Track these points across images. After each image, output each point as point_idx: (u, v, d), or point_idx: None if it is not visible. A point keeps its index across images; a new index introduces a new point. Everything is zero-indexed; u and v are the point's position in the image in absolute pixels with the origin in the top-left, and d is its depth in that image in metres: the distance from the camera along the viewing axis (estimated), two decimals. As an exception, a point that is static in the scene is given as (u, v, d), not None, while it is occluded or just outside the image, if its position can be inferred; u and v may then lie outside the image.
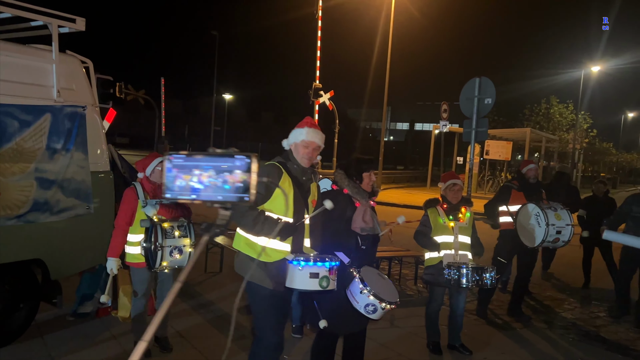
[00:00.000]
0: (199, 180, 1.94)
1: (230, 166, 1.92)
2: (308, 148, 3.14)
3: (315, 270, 2.89)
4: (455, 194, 4.66)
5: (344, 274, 3.32)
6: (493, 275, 4.36)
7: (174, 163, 1.97)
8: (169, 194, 1.99)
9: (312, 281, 2.89)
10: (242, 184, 1.91)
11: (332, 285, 2.95)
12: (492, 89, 7.42)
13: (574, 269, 8.18)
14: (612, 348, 5.21)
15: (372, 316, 3.28)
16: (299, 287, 2.92)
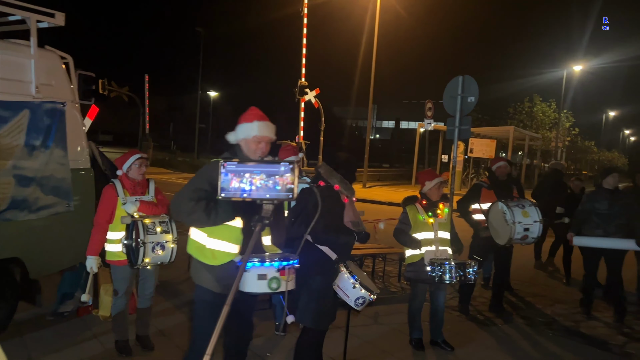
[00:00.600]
0: (250, 182, 2.52)
1: (278, 171, 2.52)
2: (260, 143, 3.06)
3: (262, 272, 2.80)
4: (440, 192, 4.72)
5: (330, 270, 3.35)
6: (476, 270, 4.41)
7: (227, 169, 2.54)
8: (224, 193, 2.55)
9: (260, 283, 2.80)
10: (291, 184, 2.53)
11: (285, 286, 2.85)
12: (475, 88, 7.45)
13: (558, 264, 8.30)
14: (591, 343, 5.30)
15: (359, 308, 3.36)
16: (246, 290, 2.82)
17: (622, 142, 75.70)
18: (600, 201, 6.05)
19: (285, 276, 2.85)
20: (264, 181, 2.52)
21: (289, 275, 2.87)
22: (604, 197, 6.04)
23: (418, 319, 4.79)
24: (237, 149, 3.10)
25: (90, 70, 5.88)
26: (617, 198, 6.01)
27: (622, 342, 5.37)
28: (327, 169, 3.59)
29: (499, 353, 4.84)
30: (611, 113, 57.39)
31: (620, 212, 5.94)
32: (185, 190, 2.94)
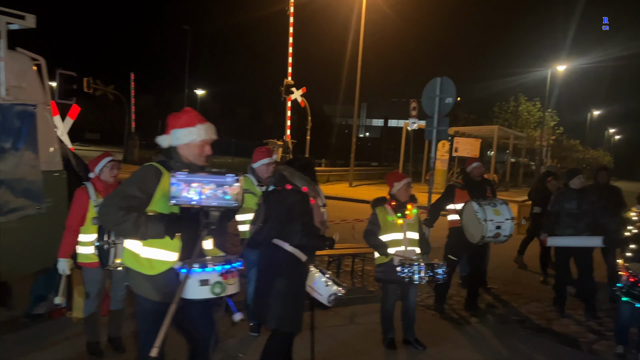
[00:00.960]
0: (199, 191, 2.72)
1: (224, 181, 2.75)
2: (205, 146, 3.01)
3: (204, 277, 2.77)
4: (408, 192, 4.79)
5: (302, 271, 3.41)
6: (445, 270, 4.48)
7: (178, 178, 2.73)
8: (175, 201, 2.74)
9: (203, 289, 2.77)
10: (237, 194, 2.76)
11: (229, 290, 2.84)
12: (452, 89, 7.56)
13: (536, 262, 8.40)
14: (563, 341, 5.39)
15: (331, 305, 3.50)
16: (189, 297, 2.77)
17: (607, 140, 76.60)
18: (570, 201, 6.16)
19: (228, 279, 2.85)
20: (213, 190, 2.73)
21: (232, 278, 2.87)
22: (573, 197, 6.15)
23: (391, 319, 4.85)
24: (174, 153, 3.00)
25: (76, 69, 5.85)
26: (584, 197, 6.12)
27: (591, 340, 5.47)
28: (292, 171, 3.63)
29: (469, 352, 4.92)
30: (595, 112, 58.04)
31: (589, 210, 6.06)
32: (116, 196, 2.82)
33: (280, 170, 3.69)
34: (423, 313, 6.00)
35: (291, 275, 3.49)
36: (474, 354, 4.86)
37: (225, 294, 2.86)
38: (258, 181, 4.88)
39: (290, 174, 3.61)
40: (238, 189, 2.74)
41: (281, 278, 3.45)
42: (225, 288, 2.85)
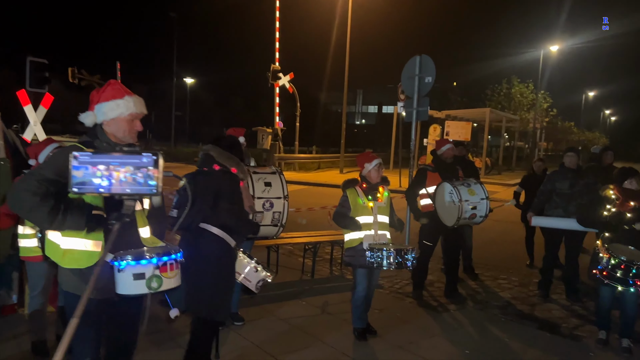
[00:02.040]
0: (108, 175, 2.25)
1: (140, 162, 2.28)
2: (135, 121, 2.72)
3: (139, 270, 2.48)
4: (379, 173, 4.55)
5: (231, 257, 3.18)
6: (414, 256, 4.26)
7: (80, 160, 2.23)
8: (77, 188, 2.25)
9: (138, 284, 2.49)
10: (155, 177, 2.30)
11: (167, 284, 2.56)
12: (432, 67, 7.26)
13: (522, 246, 8.17)
14: (543, 327, 5.17)
15: (257, 291, 3.36)
16: (122, 293, 2.51)
17: (602, 122, 76.38)
18: (562, 181, 5.94)
19: (167, 272, 2.56)
20: (129, 174, 2.29)
21: (172, 271, 2.58)
22: (566, 177, 5.92)
23: (362, 307, 4.61)
24: (99, 131, 2.67)
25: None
26: (578, 178, 5.88)
27: (574, 325, 5.25)
28: (220, 151, 3.36)
29: (442, 341, 4.68)
30: (590, 93, 57.66)
31: (582, 192, 5.82)
32: (30, 179, 2.47)
33: (206, 150, 3.41)
34: (400, 301, 5.78)
35: (220, 262, 3.25)
36: (446, 343, 4.62)
37: (164, 288, 2.58)
38: None
39: (218, 154, 3.34)
40: (153, 171, 2.30)
41: (210, 265, 3.21)
42: (162, 282, 2.56)
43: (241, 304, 5.06)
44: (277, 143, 22.75)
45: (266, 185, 4.26)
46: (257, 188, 4.15)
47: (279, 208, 4.26)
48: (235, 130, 4.70)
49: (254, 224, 3.44)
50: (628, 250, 4.41)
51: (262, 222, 4.22)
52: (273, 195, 4.25)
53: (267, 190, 4.25)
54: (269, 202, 4.22)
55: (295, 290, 5.90)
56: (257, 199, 4.12)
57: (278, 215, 4.27)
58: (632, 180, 4.65)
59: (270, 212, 4.24)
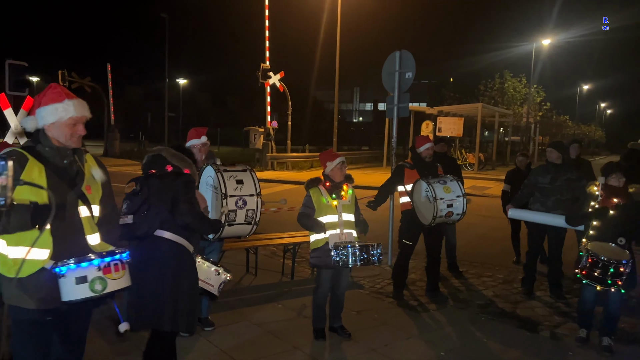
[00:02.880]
0: None
1: None
2: (77, 125, 2.64)
3: (81, 274, 2.40)
4: (342, 171, 4.45)
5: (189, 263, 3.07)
6: (380, 252, 4.20)
7: None
8: None
9: (81, 287, 2.39)
10: None
11: (112, 285, 2.47)
12: (412, 63, 7.14)
13: (509, 242, 8.05)
14: (524, 325, 5.06)
15: (218, 293, 3.27)
16: (67, 299, 2.42)
17: (598, 115, 76.34)
18: (544, 175, 5.84)
19: (112, 274, 2.46)
20: None
21: (117, 272, 2.48)
22: (548, 172, 5.82)
23: (323, 307, 4.54)
24: (41, 136, 2.62)
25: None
26: (560, 173, 5.77)
27: (556, 323, 5.14)
28: (172, 152, 3.26)
29: (418, 342, 4.57)
30: (585, 87, 57.53)
31: (562, 187, 5.71)
32: None
33: (156, 151, 3.29)
34: (380, 301, 5.67)
35: (182, 269, 3.12)
36: (422, 345, 4.51)
37: (109, 290, 2.48)
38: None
39: (171, 155, 3.23)
40: (5, 179, 2.16)
41: (166, 272, 3.08)
42: (107, 284, 2.47)
43: (215, 308, 4.95)
44: (270, 142, 22.62)
45: (238, 183, 4.12)
46: (229, 186, 4.01)
47: (252, 206, 4.12)
48: (197, 129, 4.57)
49: (215, 222, 3.36)
50: (609, 248, 4.29)
51: (236, 220, 4.09)
52: (245, 192, 4.11)
53: (240, 188, 4.12)
54: (242, 200, 4.08)
55: (272, 293, 5.78)
56: (230, 197, 3.99)
57: (251, 213, 4.13)
58: (615, 176, 4.52)
59: (244, 210, 4.10)
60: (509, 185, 7.51)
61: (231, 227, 3.99)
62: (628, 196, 4.45)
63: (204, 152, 4.53)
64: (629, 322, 5.15)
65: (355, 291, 5.94)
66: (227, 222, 3.94)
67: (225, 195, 3.94)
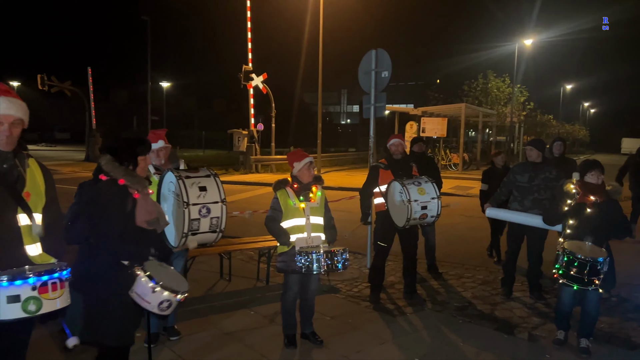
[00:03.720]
0: None
1: None
2: (3, 125, 2.46)
3: (13, 292, 2.22)
4: (310, 172, 4.30)
5: (123, 276, 2.85)
6: (345, 257, 4.02)
7: None
8: None
9: (12, 307, 2.23)
10: None
11: (48, 306, 2.30)
12: (388, 62, 7.03)
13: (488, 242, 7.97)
14: (501, 327, 4.95)
15: (166, 312, 2.91)
16: None
17: (582, 114, 77.12)
18: (522, 174, 5.74)
19: (48, 293, 2.28)
20: None
21: (54, 291, 2.30)
22: (526, 170, 5.73)
23: (292, 313, 4.37)
24: None
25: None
26: (539, 171, 5.68)
27: (534, 325, 5.04)
28: (109, 159, 3.03)
29: (391, 347, 4.43)
30: (568, 86, 58.05)
31: (540, 186, 5.62)
32: None
33: (99, 157, 3.10)
34: (355, 305, 5.53)
35: (108, 281, 2.93)
36: (395, 350, 4.37)
37: (45, 311, 2.31)
38: (156, 168, 4.30)
39: (106, 162, 3.00)
40: None
41: (100, 285, 2.90)
42: (42, 304, 2.30)
43: (182, 316, 4.78)
44: (254, 145, 22.42)
45: (201, 190, 3.89)
46: (191, 194, 3.79)
47: (217, 213, 3.90)
48: (154, 132, 4.38)
49: (153, 241, 3.11)
50: (586, 247, 4.19)
51: (199, 229, 3.89)
52: (209, 200, 3.88)
53: (203, 195, 3.88)
54: (206, 208, 3.85)
55: (245, 299, 5.61)
56: (193, 206, 3.77)
57: (216, 220, 3.91)
58: (593, 173, 4.42)
59: (208, 218, 3.88)
60: (487, 185, 7.42)
61: (194, 236, 3.80)
62: (605, 194, 4.35)
63: (164, 156, 4.33)
64: (607, 322, 5.07)
65: (330, 295, 5.80)
66: (190, 231, 3.75)
67: (187, 203, 3.72)
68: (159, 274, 2.91)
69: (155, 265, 3.01)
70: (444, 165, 23.52)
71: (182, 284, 3.04)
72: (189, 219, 3.66)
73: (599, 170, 4.41)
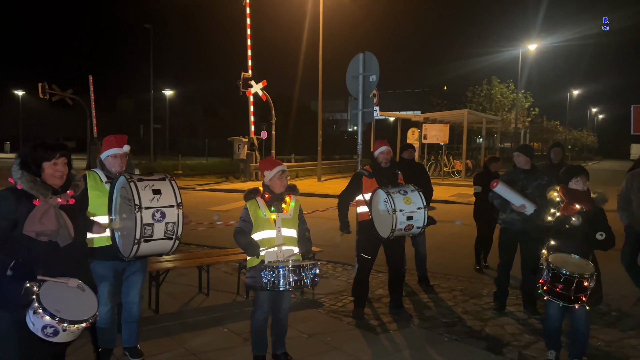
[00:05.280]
0: None
1: None
2: None
3: None
4: (283, 182, 4.00)
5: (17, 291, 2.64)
6: (315, 273, 3.70)
7: None
8: None
9: None
10: None
11: None
12: (376, 65, 6.76)
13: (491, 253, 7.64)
14: (491, 346, 4.63)
15: (52, 339, 2.64)
16: None
17: (590, 120, 76.34)
18: (515, 183, 5.43)
19: None
20: None
21: None
22: (518, 179, 5.43)
23: (263, 332, 4.07)
24: None
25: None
26: (530, 179, 5.38)
27: (526, 343, 4.72)
28: (15, 165, 2.87)
29: (369, 370, 4.13)
30: (575, 92, 57.48)
31: (534, 194, 5.31)
32: None
33: None
34: (337, 321, 5.23)
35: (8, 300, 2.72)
36: (373, 373, 4.07)
37: None
38: (107, 177, 4.00)
39: (14, 166, 2.85)
40: None
41: None
42: None
43: (149, 334, 4.52)
44: (254, 152, 22.21)
45: (155, 193, 3.56)
46: (143, 197, 3.47)
47: (172, 218, 3.56)
48: (116, 137, 4.07)
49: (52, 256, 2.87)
50: (572, 260, 3.88)
51: (153, 235, 3.56)
52: (164, 203, 3.54)
53: (157, 199, 3.55)
54: (160, 212, 3.51)
55: (221, 315, 5.31)
56: (145, 209, 3.45)
57: (172, 226, 3.56)
58: (578, 180, 4.12)
59: (162, 223, 3.54)
60: (480, 187, 7.24)
61: (148, 243, 3.48)
62: (591, 202, 4.04)
63: (124, 163, 4.06)
64: (605, 339, 4.75)
65: (311, 310, 5.50)
66: (143, 237, 3.44)
67: (140, 207, 3.41)
68: (59, 294, 2.70)
69: (58, 285, 2.78)
70: (446, 172, 23.15)
71: (84, 311, 2.78)
72: (141, 224, 3.36)
73: (585, 177, 4.11)
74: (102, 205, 3.80)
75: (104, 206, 3.77)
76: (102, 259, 3.85)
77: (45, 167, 2.90)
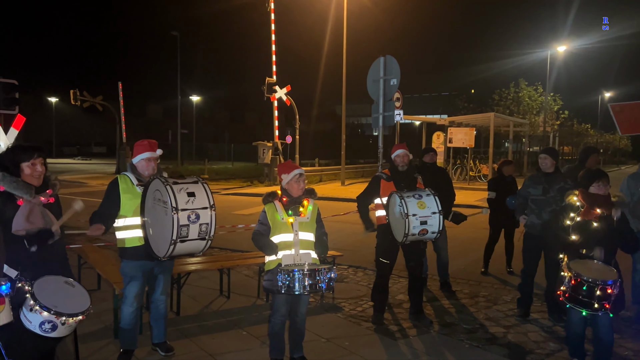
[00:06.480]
0: None
1: None
2: None
3: None
4: (300, 185, 4.01)
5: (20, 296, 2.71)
6: (330, 277, 3.69)
7: None
8: None
9: None
10: None
11: None
12: (396, 69, 6.75)
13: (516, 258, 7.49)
14: (513, 353, 4.53)
15: (52, 334, 2.72)
16: None
17: (623, 123, 73.93)
18: (535, 186, 5.36)
19: None
20: None
21: None
22: (539, 182, 5.34)
23: (280, 336, 4.07)
24: None
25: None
26: (553, 182, 5.27)
27: (549, 351, 4.60)
28: None
29: (387, 376, 4.09)
30: (607, 94, 55.89)
31: (556, 197, 5.20)
32: None
33: None
34: (356, 326, 5.19)
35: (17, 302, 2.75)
36: (390, 379, 4.03)
37: None
38: (138, 180, 4.12)
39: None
40: None
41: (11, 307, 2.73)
42: None
43: (172, 335, 4.58)
44: (278, 157, 22.32)
45: (189, 196, 3.70)
46: (179, 199, 3.60)
47: (206, 219, 3.69)
48: (150, 142, 4.17)
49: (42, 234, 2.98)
50: (594, 266, 3.77)
51: (189, 236, 3.67)
52: (198, 205, 3.68)
53: (192, 201, 3.69)
54: (195, 214, 3.65)
55: (240, 318, 5.34)
56: (182, 211, 3.58)
57: (205, 227, 3.69)
58: (599, 184, 4.01)
59: (197, 224, 3.67)
60: (494, 192, 7.12)
61: (183, 243, 3.59)
62: (612, 206, 3.92)
63: (156, 166, 4.16)
64: (632, 348, 4.60)
65: (330, 315, 5.48)
66: (179, 238, 3.55)
67: (176, 209, 3.54)
68: (51, 291, 2.78)
69: (53, 281, 2.89)
70: (472, 176, 22.82)
71: (79, 305, 2.87)
72: (177, 225, 3.50)
73: (605, 180, 4.00)
74: (134, 207, 3.92)
75: (136, 208, 3.90)
76: (133, 259, 3.97)
77: (24, 168, 3.03)
